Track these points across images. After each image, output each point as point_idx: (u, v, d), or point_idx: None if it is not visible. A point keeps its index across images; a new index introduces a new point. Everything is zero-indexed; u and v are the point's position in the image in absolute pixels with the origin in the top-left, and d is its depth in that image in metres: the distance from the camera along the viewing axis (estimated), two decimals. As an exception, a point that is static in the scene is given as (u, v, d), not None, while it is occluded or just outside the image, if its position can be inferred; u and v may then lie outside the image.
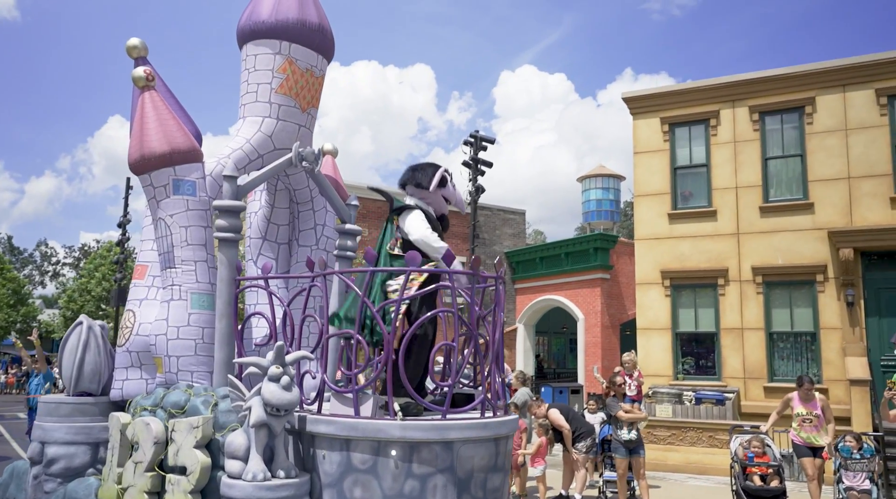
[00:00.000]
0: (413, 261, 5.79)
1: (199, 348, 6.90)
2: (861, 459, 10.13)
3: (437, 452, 5.61)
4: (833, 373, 15.28)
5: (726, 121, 16.82)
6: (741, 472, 10.43)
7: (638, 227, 17.70)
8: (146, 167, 6.95)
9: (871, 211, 15.30)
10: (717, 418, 15.27)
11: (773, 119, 16.45)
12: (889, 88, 15.27)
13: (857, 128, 15.58)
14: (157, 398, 6.67)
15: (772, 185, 16.40)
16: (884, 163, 15.28)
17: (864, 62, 15.52)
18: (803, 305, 15.90)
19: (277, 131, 7.40)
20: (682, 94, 17.31)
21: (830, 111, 15.84)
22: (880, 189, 15.27)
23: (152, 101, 7.13)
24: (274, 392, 5.64)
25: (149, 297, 7.29)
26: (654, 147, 17.57)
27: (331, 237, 7.99)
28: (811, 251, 15.75)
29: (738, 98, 16.70)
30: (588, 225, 25.38)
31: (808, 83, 16.03)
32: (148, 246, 7.49)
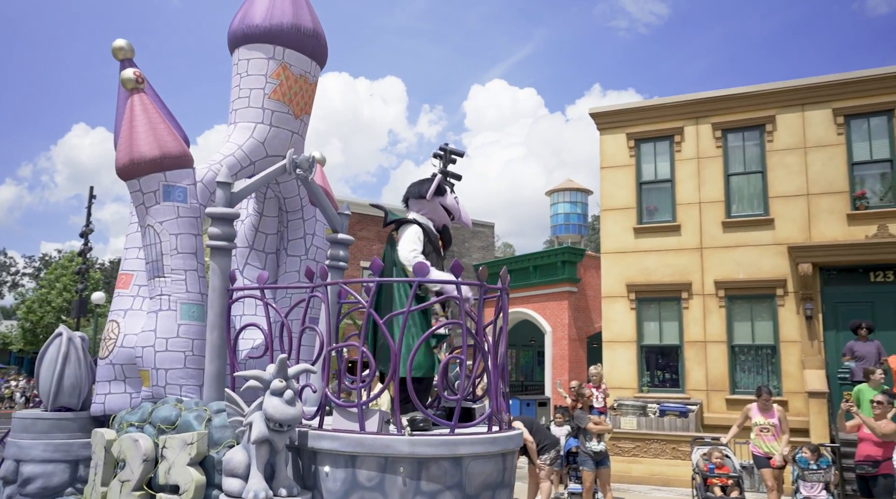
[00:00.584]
0: (421, 272, 5.68)
1: (188, 361, 6.65)
2: (818, 470, 10.32)
3: (447, 468, 5.48)
4: (792, 385, 15.60)
5: (690, 137, 17.13)
6: (702, 483, 10.55)
7: (604, 240, 17.86)
8: (135, 172, 6.70)
9: (829, 227, 15.72)
10: (681, 429, 15.43)
11: (736, 136, 16.81)
12: (846, 108, 15.75)
13: (816, 146, 16.02)
14: (144, 413, 6.39)
15: (734, 200, 16.74)
16: (841, 180, 15.73)
17: (822, 83, 15.98)
18: (764, 318, 16.23)
19: (270, 138, 7.23)
20: (648, 111, 17.58)
21: (790, 129, 16.26)
22: (837, 206, 15.71)
23: (142, 104, 6.89)
24: (277, 407, 5.45)
25: (134, 307, 7.02)
26: (620, 162, 17.79)
27: (321, 247, 7.82)
28: (771, 266, 16.10)
29: (701, 115, 17.03)
30: (556, 238, 25.54)
31: (769, 102, 16.44)
32: (133, 254, 7.22)
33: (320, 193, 7.33)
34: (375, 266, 5.80)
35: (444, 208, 6.67)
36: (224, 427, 6.03)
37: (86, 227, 24.97)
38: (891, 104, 15.34)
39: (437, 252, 6.58)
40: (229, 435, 6.00)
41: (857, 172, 15.73)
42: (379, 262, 5.81)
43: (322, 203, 7.36)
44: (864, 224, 15.35)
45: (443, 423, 5.77)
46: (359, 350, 5.74)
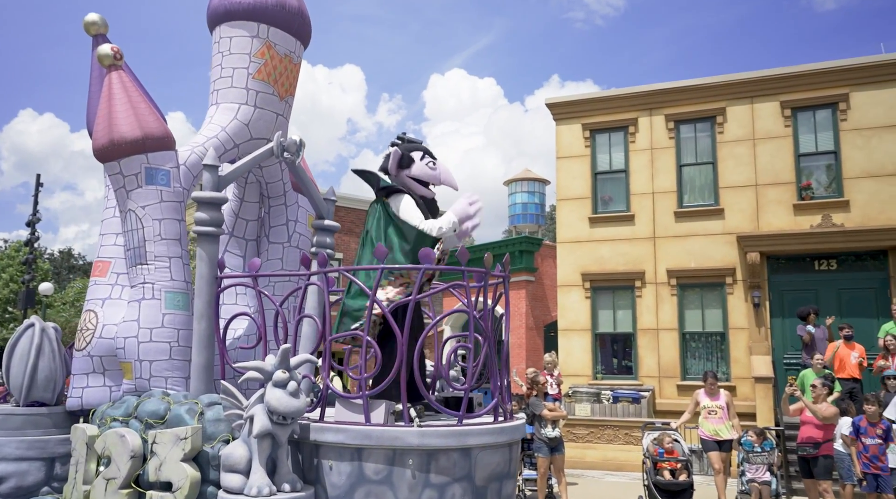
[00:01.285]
0: (427, 258, 5.55)
1: (174, 352, 6.37)
2: (762, 452, 10.61)
3: (456, 459, 5.39)
4: (740, 371, 16.04)
5: (644, 128, 17.37)
6: (652, 467, 10.74)
7: (560, 230, 17.99)
8: (115, 154, 6.36)
9: (776, 217, 16.18)
10: (634, 415, 15.70)
11: (688, 128, 17.12)
12: (793, 101, 16.21)
13: (764, 138, 16.45)
14: (129, 407, 6.09)
15: (686, 191, 17.06)
16: (788, 171, 16.19)
17: (770, 76, 16.40)
18: (714, 306, 16.62)
19: (254, 120, 6.96)
20: (603, 102, 17.74)
21: (739, 121, 16.65)
22: (784, 196, 16.17)
23: (121, 82, 6.54)
24: (281, 399, 5.26)
25: (112, 296, 6.68)
26: (576, 152, 17.92)
27: (304, 234, 7.60)
28: (721, 255, 16.48)
29: (655, 107, 17.28)
30: (514, 228, 25.58)
31: (720, 94, 16.79)
32: (110, 240, 6.86)
33: (307, 178, 7.12)
34: (380, 252, 5.63)
35: (414, 180, 6.24)
36: (218, 421, 5.80)
37: (33, 215, 23.96)
38: (836, 97, 15.85)
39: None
40: (224, 429, 5.78)
41: (804, 164, 16.21)
42: (383, 248, 5.63)
43: (309, 188, 7.15)
44: (809, 214, 15.84)
45: (450, 413, 5.67)
46: (363, 340, 5.59)
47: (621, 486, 13.38)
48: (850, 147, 15.72)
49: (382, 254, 5.61)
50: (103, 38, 7.00)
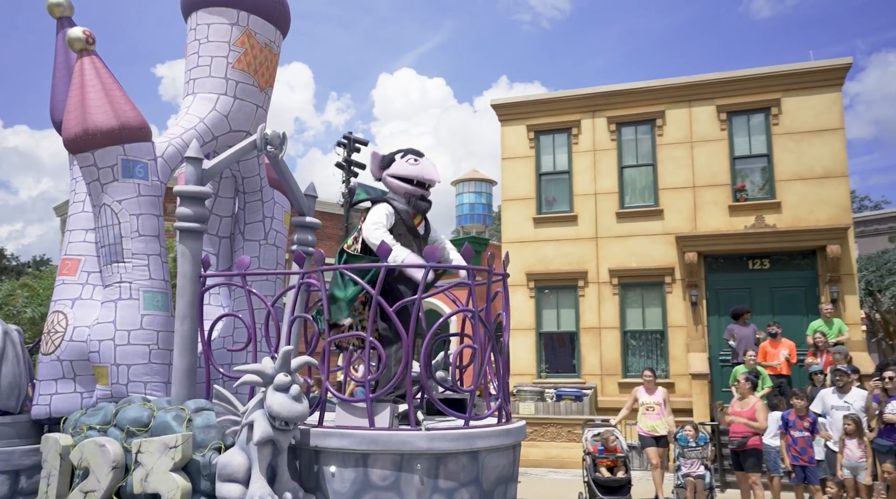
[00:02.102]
0: (432, 256, 5.41)
1: (153, 355, 6.03)
2: (696, 447, 10.93)
3: (464, 463, 5.27)
4: (679, 368, 16.45)
5: (587, 130, 17.62)
6: (592, 464, 10.91)
7: (505, 230, 18.07)
8: (89, 144, 5.95)
9: (713, 218, 16.67)
10: (576, 413, 15.88)
11: (629, 130, 17.46)
12: (728, 105, 16.73)
13: (701, 141, 16.93)
14: (107, 415, 5.72)
15: (627, 192, 17.39)
16: (723, 173, 16.70)
17: (707, 80, 16.87)
18: (653, 305, 17.00)
19: (234, 111, 6.66)
20: (547, 104, 17.91)
21: (678, 124, 17.08)
22: (720, 197, 16.67)
23: (94, 68, 6.14)
24: (283, 403, 5.03)
25: (83, 296, 6.26)
26: (520, 153, 18.02)
27: (280, 231, 7.32)
28: (661, 255, 16.87)
29: (597, 109, 17.54)
30: (461, 228, 25.58)
31: (659, 98, 17.18)
32: (79, 237, 6.44)
33: (289, 173, 6.87)
34: (383, 250, 5.46)
35: (400, 180, 6.16)
36: (208, 428, 5.51)
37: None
38: (768, 102, 16.43)
39: (413, 232, 6.14)
40: (214, 436, 5.49)
41: (739, 166, 16.76)
42: (386, 245, 5.46)
43: (290, 184, 6.90)
44: (743, 215, 16.39)
45: (457, 415, 5.55)
46: (366, 341, 5.41)
47: (563, 483, 13.52)
48: (781, 150, 16.33)
49: (385, 252, 5.44)
50: (69, 22, 6.58)
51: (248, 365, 5.27)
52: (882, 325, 20.74)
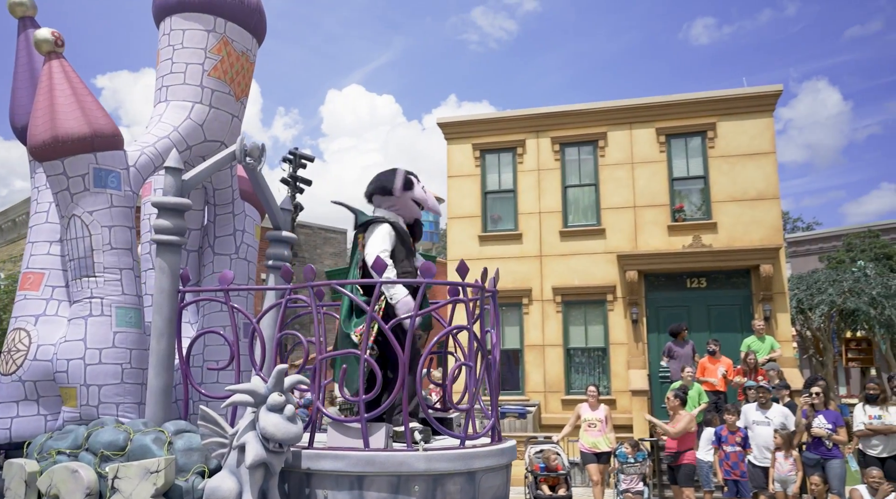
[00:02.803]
0: (428, 272, 5.39)
1: (126, 375, 5.77)
2: (635, 463, 11.18)
3: (462, 484, 5.20)
4: (620, 385, 16.74)
5: (531, 150, 17.88)
6: (534, 482, 11.02)
7: (450, 248, 18.10)
8: (59, 152, 5.70)
9: (653, 237, 17.11)
10: (520, 430, 15.95)
11: (572, 150, 17.80)
12: (667, 128, 17.26)
13: (642, 162, 17.39)
14: (77, 438, 5.43)
15: (570, 211, 17.70)
16: (663, 194, 17.19)
17: (647, 104, 17.38)
18: (596, 322, 17.29)
19: (209, 120, 6.50)
20: (493, 123, 18.11)
21: (619, 146, 17.51)
22: (660, 218, 17.14)
23: (64, 72, 5.89)
24: (278, 425, 4.88)
25: (48, 312, 5.96)
26: (466, 172, 18.14)
27: (251, 245, 7.15)
28: (603, 273, 17.19)
29: (542, 129, 17.83)
30: None
31: (602, 119, 17.60)
32: (42, 249, 6.14)
33: (267, 186, 6.74)
34: (379, 266, 5.42)
35: (413, 201, 6.29)
36: (190, 450, 5.29)
37: None
38: (705, 126, 17.02)
39: (410, 251, 6.24)
40: (197, 459, 5.29)
41: (677, 187, 17.28)
42: (381, 262, 5.42)
43: (268, 197, 6.76)
44: (682, 235, 16.88)
45: (453, 435, 5.50)
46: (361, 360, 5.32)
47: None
48: (717, 173, 16.92)
49: (381, 267, 5.39)
50: (31, 22, 6.32)
51: (240, 385, 5.11)
52: (813, 342, 21.63)
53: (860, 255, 25.07)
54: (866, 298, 19.45)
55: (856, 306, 19.54)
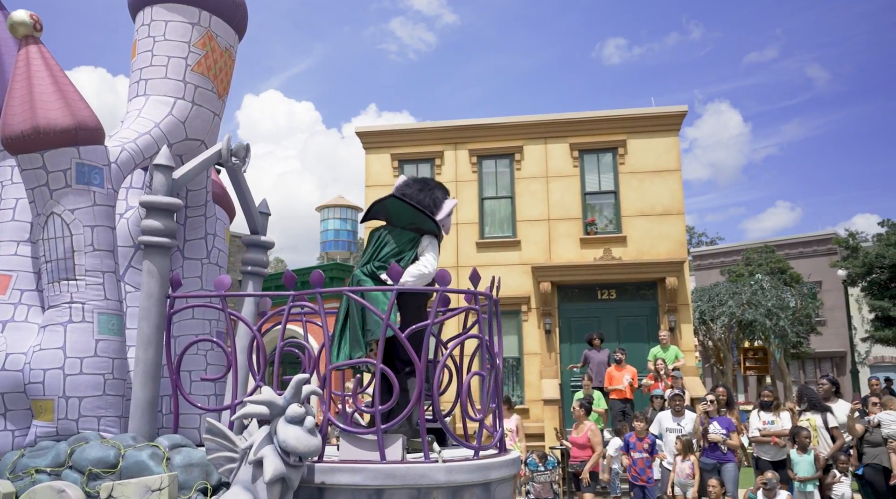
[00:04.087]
0: (443, 280, 5.29)
1: (108, 386, 5.31)
2: (545, 471, 11.48)
3: (478, 495, 5.12)
4: (533, 394, 17.03)
5: (449, 161, 17.96)
6: None
7: (367, 257, 17.84)
8: (39, 144, 5.19)
9: (566, 249, 17.56)
10: (435, 442, 15.93)
11: (489, 163, 18.03)
12: (580, 144, 17.78)
13: (556, 176, 17.83)
14: (59, 455, 4.94)
15: (487, 222, 17.89)
16: (575, 208, 17.68)
17: (561, 120, 17.87)
18: (511, 332, 17.51)
19: (191, 118, 6.12)
20: (411, 134, 18.07)
21: (535, 160, 17.89)
22: (572, 231, 17.62)
23: (43, 58, 5.39)
24: (300, 437, 4.63)
25: (16, 318, 5.42)
26: (384, 182, 17.95)
27: (222, 250, 6.77)
28: (518, 284, 17.46)
29: (460, 141, 17.96)
30: (325, 254, 24.75)
31: (518, 133, 17.93)
32: (9, 250, 5.57)
33: (248, 189, 6.41)
34: (395, 272, 5.27)
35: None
36: (190, 466, 4.95)
37: None
38: (616, 143, 17.67)
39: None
40: (197, 476, 4.95)
41: (589, 201, 17.82)
42: (398, 267, 5.27)
43: (248, 200, 6.44)
44: (593, 248, 17.40)
45: (469, 446, 5.41)
46: (376, 369, 5.15)
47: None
48: (627, 188, 17.58)
49: (397, 273, 5.24)
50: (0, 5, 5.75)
51: (257, 395, 4.82)
52: (714, 352, 22.79)
53: (757, 269, 26.82)
54: (763, 309, 20.75)
55: (753, 318, 20.81)
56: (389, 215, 6.01)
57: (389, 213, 5.99)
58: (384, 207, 6.00)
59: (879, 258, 22.84)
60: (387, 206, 5.98)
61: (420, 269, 5.74)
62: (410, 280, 5.64)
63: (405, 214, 5.89)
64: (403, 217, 5.90)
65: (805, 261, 32.97)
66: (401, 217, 5.92)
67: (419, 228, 5.94)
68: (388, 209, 5.99)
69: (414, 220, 5.89)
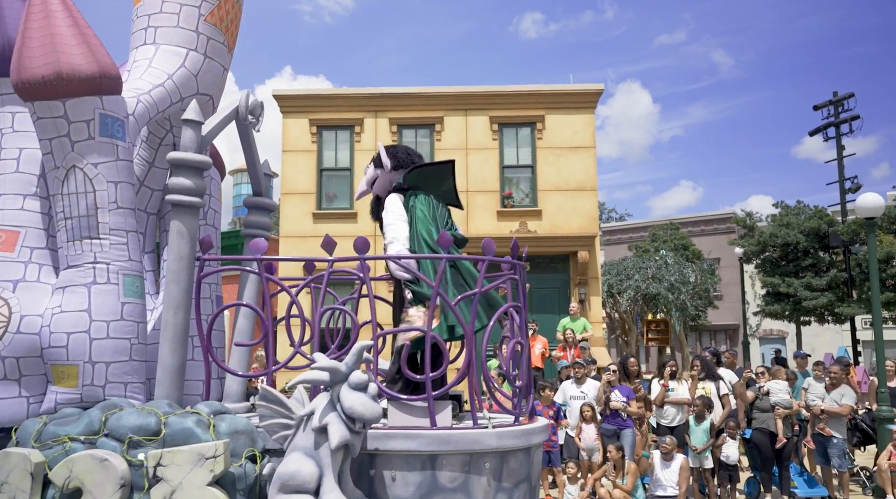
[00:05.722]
0: (489, 249, 5.25)
1: (134, 351, 4.95)
2: None
3: (521, 460, 5.18)
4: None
5: (369, 129, 17.63)
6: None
7: (283, 224, 17.32)
8: (62, 91, 4.67)
9: (484, 221, 17.74)
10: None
11: (410, 132, 17.84)
12: (500, 117, 17.93)
13: (475, 148, 17.92)
14: (92, 423, 4.56)
15: (407, 193, 17.73)
16: (494, 181, 17.87)
17: (482, 92, 17.92)
18: (427, 303, 17.55)
19: (203, 71, 5.70)
20: (331, 100, 17.56)
21: (455, 131, 17.88)
22: (490, 203, 17.81)
23: (63, 1, 4.82)
24: (366, 404, 4.49)
25: (28, 277, 4.92)
26: (302, 147, 17.42)
27: (217, 211, 6.40)
28: (435, 255, 17.48)
29: (380, 109, 17.65)
30: (239, 219, 23.44)
31: (439, 104, 17.83)
32: (14, 204, 5.03)
33: (255, 148, 6.06)
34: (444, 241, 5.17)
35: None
36: (236, 433, 4.71)
37: None
38: (534, 118, 17.92)
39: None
40: (244, 443, 4.73)
41: (507, 174, 18.04)
42: (447, 236, 5.18)
43: (255, 160, 6.09)
44: (510, 220, 17.68)
45: (509, 412, 5.42)
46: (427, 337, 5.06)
47: None
48: (543, 163, 17.92)
49: (447, 242, 5.14)
50: None
51: (320, 362, 4.63)
52: (620, 323, 23.68)
53: (662, 245, 28.02)
54: (666, 284, 21.78)
55: (657, 291, 21.80)
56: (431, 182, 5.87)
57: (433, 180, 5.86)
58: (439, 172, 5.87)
59: (773, 237, 24.46)
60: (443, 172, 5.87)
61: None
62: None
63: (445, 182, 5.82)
64: (441, 185, 5.81)
65: (706, 238, 34.88)
66: (438, 185, 5.82)
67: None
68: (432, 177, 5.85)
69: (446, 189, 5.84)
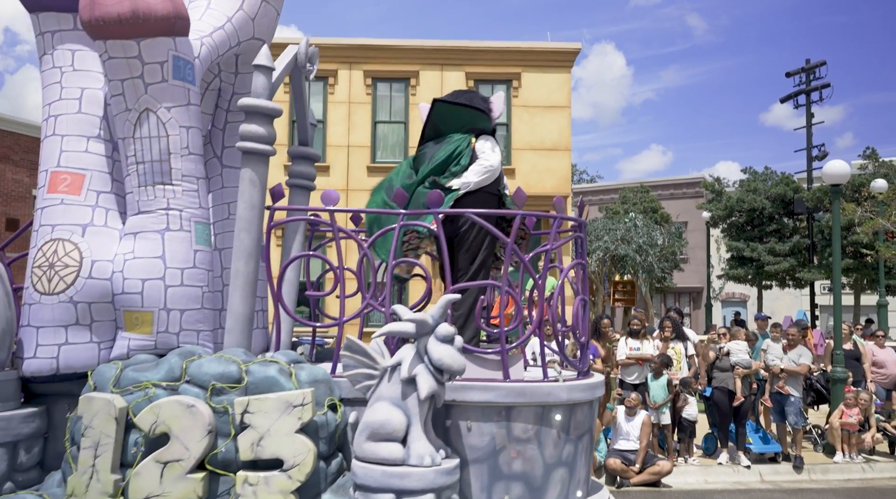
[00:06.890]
0: (559, 207, 5.28)
1: (205, 299, 4.85)
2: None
3: (587, 412, 5.32)
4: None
5: (343, 81, 17.30)
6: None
7: (257, 177, 16.93)
8: (138, 30, 4.43)
9: (456, 179, 17.71)
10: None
11: (384, 86, 17.58)
12: (476, 73, 17.75)
13: (449, 105, 17.77)
14: (172, 369, 4.48)
15: (379, 147, 17.55)
16: (466, 138, 17.80)
17: (458, 47, 17.71)
18: (398, 259, 17.54)
19: (260, 15, 5.50)
20: (306, 48, 17.10)
21: (430, 86, 17.65)
22: (462, 160, 17.77)
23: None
24: (454, 356, 4.52)
25: (96, 222, 4.73)
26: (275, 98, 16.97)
27: None
28: (407, 211, 17.42)
29: (355, 61, 17.31)
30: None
31: (414, 58, 17.57)
32: (78, 146, 4.77)
33: (306, 98, 5.91)
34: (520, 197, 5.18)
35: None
36: (316, 383, 4.69)
37: None
38: (511, 75, 17.78)
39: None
40: (323, 392, 4.75)
41: (483, 132, 17.98)
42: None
43: (305, 109, 5.95)
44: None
45: (574, 364, 5.51)
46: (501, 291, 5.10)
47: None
48: (519, 121, 17.93)
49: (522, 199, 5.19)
50: None
51: (405, 315, 4.62)
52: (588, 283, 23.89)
53: (632, 207, 28.38)
54: (634, 246, 22.16)
55: (625, 253, 22.16)
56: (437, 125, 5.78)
57: (437, 122, 5.76)
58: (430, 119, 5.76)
59: (739, 203, 25.13)
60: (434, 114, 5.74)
61: (482, 163, 5.61)
62: (476, 179, 5.55)
63: (459, 118, 5.72)
64: (457, 122, 5.71)
65: (675, 202, 35.51)
66: (454, 122, 5.72)
67: (472, 128, 5.75)
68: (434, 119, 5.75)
69: (468, 122, 5.73)
